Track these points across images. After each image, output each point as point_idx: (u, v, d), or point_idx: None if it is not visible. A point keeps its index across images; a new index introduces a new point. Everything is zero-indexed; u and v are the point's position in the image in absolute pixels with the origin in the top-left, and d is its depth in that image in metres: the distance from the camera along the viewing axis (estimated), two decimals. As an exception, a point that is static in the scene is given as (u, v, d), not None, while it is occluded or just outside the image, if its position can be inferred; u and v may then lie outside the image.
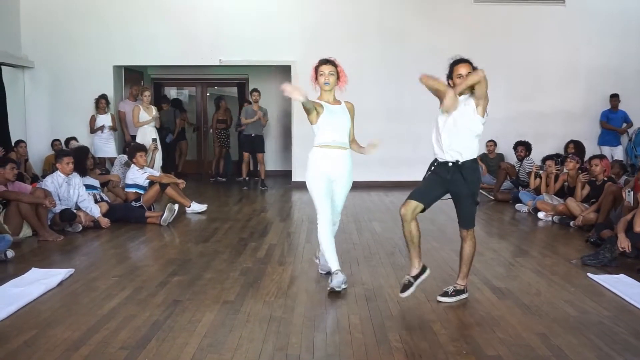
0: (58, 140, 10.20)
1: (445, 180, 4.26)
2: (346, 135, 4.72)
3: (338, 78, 4.62)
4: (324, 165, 4.60)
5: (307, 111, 4.49)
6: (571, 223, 7.17)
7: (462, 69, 4.24)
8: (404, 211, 4.23)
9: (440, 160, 4.32)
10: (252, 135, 10.95)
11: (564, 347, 3.47)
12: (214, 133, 12.48)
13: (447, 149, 4.22)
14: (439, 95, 4.18)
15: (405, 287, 4.22)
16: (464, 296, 4.37)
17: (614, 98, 11.10)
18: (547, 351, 3.41)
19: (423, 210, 4.35)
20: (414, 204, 4.22)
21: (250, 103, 11.54)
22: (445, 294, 4.37)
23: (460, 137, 4.21)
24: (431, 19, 11.26)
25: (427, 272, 4.35)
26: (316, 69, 4.61)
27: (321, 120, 4.56)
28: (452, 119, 4.19)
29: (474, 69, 4.28)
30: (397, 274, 5.07)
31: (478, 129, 4.23)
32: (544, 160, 8.79)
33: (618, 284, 4.70)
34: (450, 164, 4.23)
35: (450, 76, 4.29)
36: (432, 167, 4.39)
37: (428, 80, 4.19)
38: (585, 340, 3.58)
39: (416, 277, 4.28)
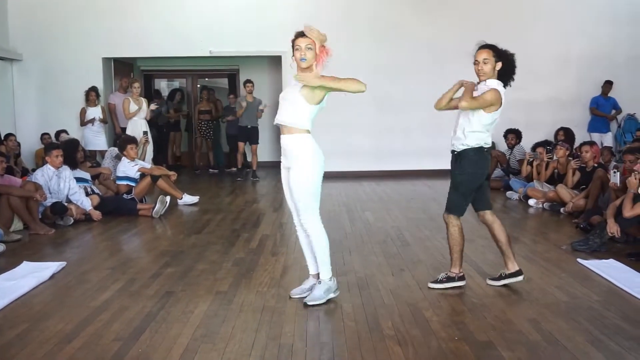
0: (47, 134, 10.14)
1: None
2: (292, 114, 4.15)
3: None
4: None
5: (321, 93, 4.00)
6: (561, 209, 7.22)
7: (480, 55, 4.46)
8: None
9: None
10: (248, 126, 10.93)
11: (555, 332, 3.50)
12: (196, 124, 12.44)
13: (452, 137, 4.40)
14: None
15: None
16: (455, 284, 4.36)
17: (607, 84, 11.14)
18: (538, 336, 3.44)
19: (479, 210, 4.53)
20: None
21: (235, 97, 11.54)
22: (436, 281, 4.39)
23: (459, 127, 4.35)
24: (424, 10, 11.27)
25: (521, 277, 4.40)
26: (293, 42, 4.04)
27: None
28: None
29: (498, 54, 4.54)
30: (389, 262, 5.10)
31: (474, 123, 4.25)
32: (534, 147, 8.82)
33: (608, 268, 4.74)
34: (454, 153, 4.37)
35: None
36: None
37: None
38: (575, 325, 3.61)
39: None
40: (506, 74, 4.49)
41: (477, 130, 4.27)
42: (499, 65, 4.48)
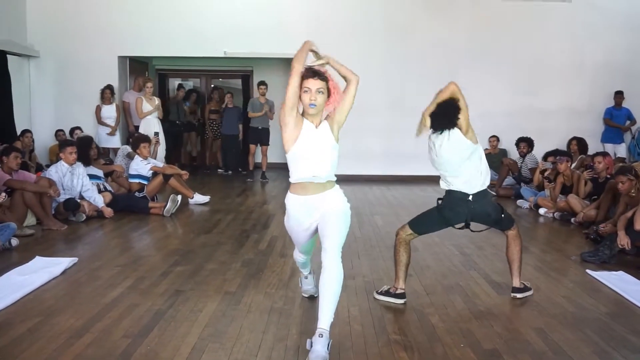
0: (62, 130, 10.24)
1: None
2: (332, 166, 3.52)
3: (328, 96, 3.47)
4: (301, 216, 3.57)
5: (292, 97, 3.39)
6: (572, 219, 7.20)
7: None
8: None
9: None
10: (259, 128, 11.00)
11: (561, 342, 3.51)
12: (207, 124, 12.52)
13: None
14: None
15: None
16: (391, 299, 4.18)
17: (619, 95, 11.10)
18: (544, 346, 3.45)
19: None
20: None
21: (232, 96, 11.60)
22: (378, 291, 4.29)
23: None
24: (436, 13, 11.26)
25: None
26: (301, 79, 3.41)
27: (299, 143, 3.45)
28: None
29: None
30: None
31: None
32: (545, 157, 8.80)
33: (617, 281, 4.73)
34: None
35: None
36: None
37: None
38: (582, 336, 3.62)
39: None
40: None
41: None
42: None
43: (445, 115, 4.05)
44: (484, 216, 4.24)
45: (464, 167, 4.11)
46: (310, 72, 3.42)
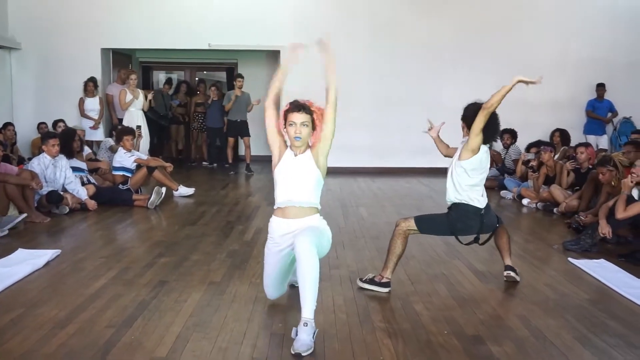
0: (45, 123, 10.12)
1: None
2: (309, 192, 3.60)
3: (314, 128, 3.60)
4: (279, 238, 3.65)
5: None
6: (554, 210, 7.27)
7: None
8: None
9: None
10: (238, 120, 10.98)
11: (543, 328, 3.55)
12: (192, 117, 12.45)
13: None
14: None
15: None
16: (376, 288, 4.21)
17: (600, 87, 11.21)
18: (527, 332, 3.49)
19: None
20: None
21: (217, 89, 11.57)
22: (362, 279, 4.32)
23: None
24: (421, 8, 11.28)
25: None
26: (285, 114, 3.59)
27: (278, 169, 3.65)
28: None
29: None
30: (381, 257, 5.08)
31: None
32: (528, 148, 8.87)
33: (598, 268, 4.80)
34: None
35: None
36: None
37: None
38: (564, 322, 3.66)
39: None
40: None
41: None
42: None
43: (493, 128, 4.38)
44: (489, 228, 4.36)
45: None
46: (295, 106, 3.57)
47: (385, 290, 4.20)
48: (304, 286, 3.24)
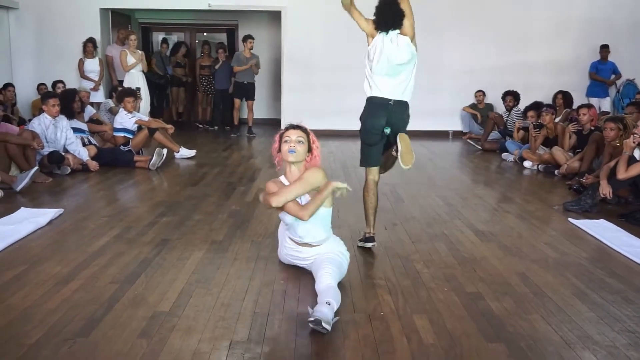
0: (44, 84, 10.06)
1: None
2: (321, 230, 3.62)
3: (309, 151, 3.62)
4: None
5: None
6: (556, 172, 7.27)
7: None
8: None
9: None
10: (245, 82, 10.88)
11: (542, 285, 3.58)
12: (198, 80, 12.36)
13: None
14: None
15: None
16: (364, 244, 4.29)
17: (604, 49, 11.08)
18: (525, 288, 3.52)
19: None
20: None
21: (225, 51, 11.47)
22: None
23: None
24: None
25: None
26: (281, 136, 3.62)
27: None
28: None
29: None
30: (382, 217, 5.11)
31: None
32: (525, 111, 8.81)
33: (598, 228, 4.82)
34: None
35: None
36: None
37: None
38: (562, 279, 3.70)
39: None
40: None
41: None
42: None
43: (390, 14, 4.09)
44: (400, 123, 4.22)
45: (401, 70, 4.10)
46: (290, 125, 3.60)
47: (370, 244, 4.24)
48: (336, 281, 3.29)
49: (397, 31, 4.08)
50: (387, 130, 4.18)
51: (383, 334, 2.91)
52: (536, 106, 8.64)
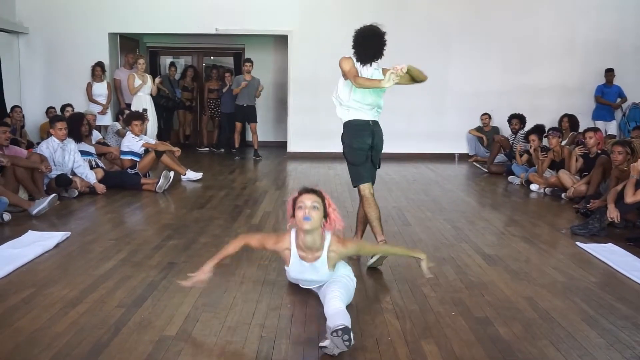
0: (53, 107, 10.15)
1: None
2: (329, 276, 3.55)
3: (326, 217, 3.43)
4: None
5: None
6: (563, 195, 7.25)
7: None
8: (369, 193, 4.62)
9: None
10: (245, 105, 10.96)
11: (550, 310, 3.56)
12: (205, 103, 12.44)
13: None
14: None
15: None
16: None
17: (609, 72, 11.13)
18: (534, 314, 3.50)
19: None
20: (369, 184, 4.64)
21: (232, 75, 11.60)
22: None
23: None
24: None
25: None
26: (293, 201, 3.41)
27: (289, 271, 3.62)
28: None
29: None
30: (389, 240, 5.12)
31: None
32: (527, 135, 8.81)
33: (606, 252, 4.79)
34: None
35: None
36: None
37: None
38: (571, 304, 3.67)
39: None
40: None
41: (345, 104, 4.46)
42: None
43: (374, 47, 4.50)
44: (380, 142, 4.59)
45: (381, 97, 4.53)
46: (304, 189, 3.43)
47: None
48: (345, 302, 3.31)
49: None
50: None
51: (390, 359, 2.89)
52: (537, 130, 8.65)
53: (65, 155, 7.00)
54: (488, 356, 2.92)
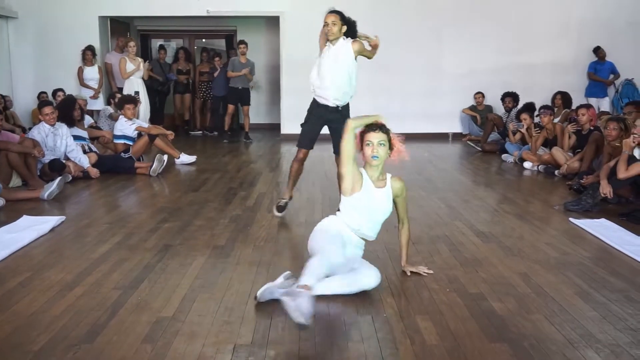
0: (45, 92, 10.11)
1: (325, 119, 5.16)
2: (377, 227, 3.74)
3: (390, 148, 3.60)
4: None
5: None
6: (556, 172, 7.29)
7: (329, 18, 5.35)
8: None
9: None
10: (240, 87, 10.90)
11: (544, 285, 3.60)
12: (196, 86, 12.39)
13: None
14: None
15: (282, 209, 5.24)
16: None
17: (599, 50, 11.11)
18: (527, 289, 3.53)
19: None
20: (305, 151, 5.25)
21: (220, 59, 11.52)
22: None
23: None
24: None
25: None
26: (361, 135, 3.54)
27: (355, 198, 3.57)
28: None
29: (343, 19, 5.32)
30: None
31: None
32: (518, 113, 8.82)
33: (599, 227, 4.83)
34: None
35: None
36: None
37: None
38: (564, 279, 3.71)
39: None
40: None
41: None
42: (344, 28, 5.29)
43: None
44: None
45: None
46: (372, 126, 3.52)
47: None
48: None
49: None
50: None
51: (386, 335, 2.92)
52: (527, 108, 8.66)
53: (57, 140, 6.98)
54: (482, 331, 2.95)
